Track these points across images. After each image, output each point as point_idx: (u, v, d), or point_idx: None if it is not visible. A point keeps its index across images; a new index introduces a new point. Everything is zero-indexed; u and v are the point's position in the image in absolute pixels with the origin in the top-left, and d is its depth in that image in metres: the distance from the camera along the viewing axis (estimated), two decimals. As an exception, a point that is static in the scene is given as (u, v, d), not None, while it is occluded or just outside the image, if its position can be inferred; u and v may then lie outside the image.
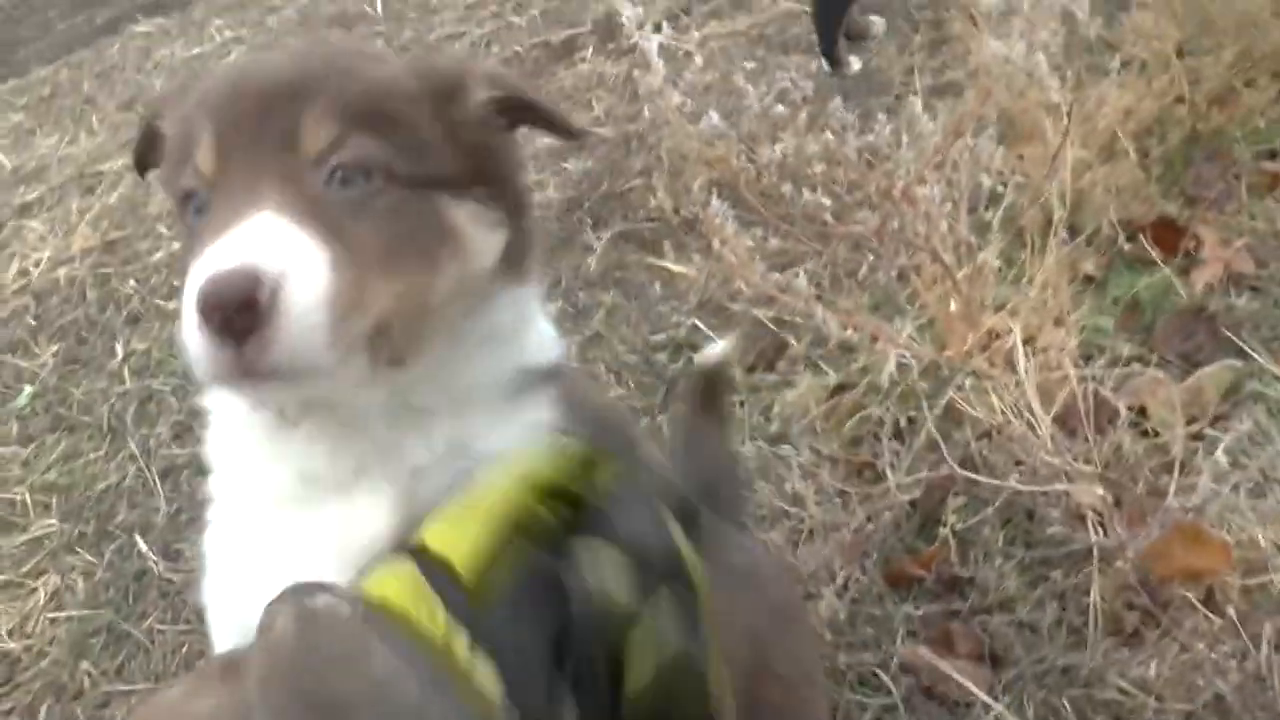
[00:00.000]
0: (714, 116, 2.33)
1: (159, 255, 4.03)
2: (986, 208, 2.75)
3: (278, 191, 0.95)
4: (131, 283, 3.90)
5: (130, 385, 3.43)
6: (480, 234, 1.08)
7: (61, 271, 4.03)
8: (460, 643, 0.83)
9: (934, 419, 2.42)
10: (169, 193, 1.12)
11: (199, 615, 2.63)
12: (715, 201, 2.27)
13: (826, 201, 2.31)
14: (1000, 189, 2.71)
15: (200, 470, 2.98)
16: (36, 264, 4.11)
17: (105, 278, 3.96)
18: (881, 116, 2.39)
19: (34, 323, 3.80)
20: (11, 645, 2.74)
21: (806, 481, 2.30)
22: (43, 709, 2.59)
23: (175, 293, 3.80)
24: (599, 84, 4.43)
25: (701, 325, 3.05)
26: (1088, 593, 2.16)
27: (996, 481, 2.28)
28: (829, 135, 2.36)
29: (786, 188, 2.33)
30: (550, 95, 4.32)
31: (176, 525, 2.92)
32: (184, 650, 2.61)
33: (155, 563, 2.82)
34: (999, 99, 2.64)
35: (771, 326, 2.95)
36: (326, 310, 0.89)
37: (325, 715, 0.76)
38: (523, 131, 1.21)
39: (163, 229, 4.18)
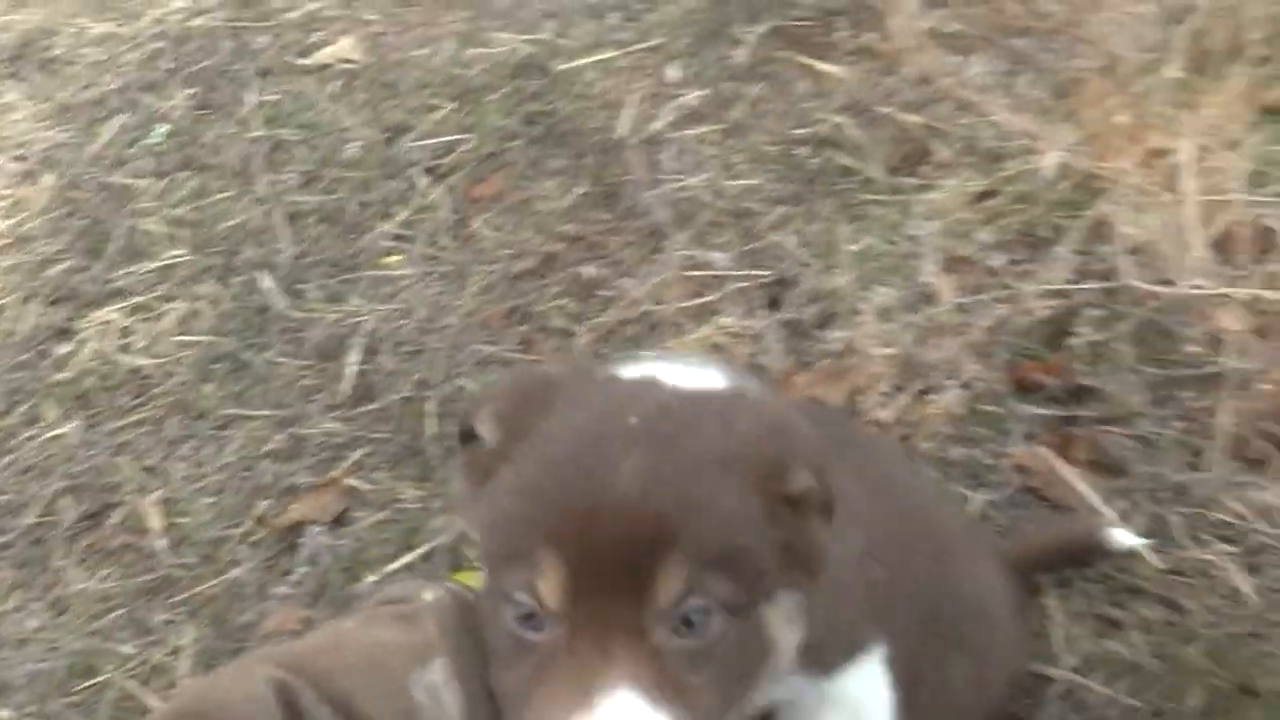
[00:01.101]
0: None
1: (294, 14, 4.19)
2: (1174, 24, 2.75)
3: (631, 657, 1.00)
4: (265, 38, 4.07)
5: (260, 133, 3.64)
6: (790, 632, 1.15)
7: (198, 21, 4.21)
8: None
9: (1083, 230, 2.48)
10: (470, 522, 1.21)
11: (317, 353, 2.88)
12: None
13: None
14: (1193, 2, 2.71)
15: (326, 218, 3.18)
16: (174, 12, 4.31)
17: (239, 30, 4.14)
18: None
19: (170, 66, 4.02)
20: (143, 361, 3.00)
21: (943, 277, 2.39)
22: (170, 424, 2.86)
23: (308, 50, 3.99)
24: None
25: (846, 124, 3.11)
26: (1214, 415, 2.24)
27: (1147, 286, 2.33)
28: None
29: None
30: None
31: (300, 267, 3.14)
32: (301, 384, 2.85)
33: (278, 300, 3.04)
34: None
35: (919, 133, 3.01)
36: None
37: (479, 660, 1.01)
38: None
39: (298, -13, 4.34)
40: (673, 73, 3.51)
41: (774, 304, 2.65)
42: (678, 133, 3.27)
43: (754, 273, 2.72)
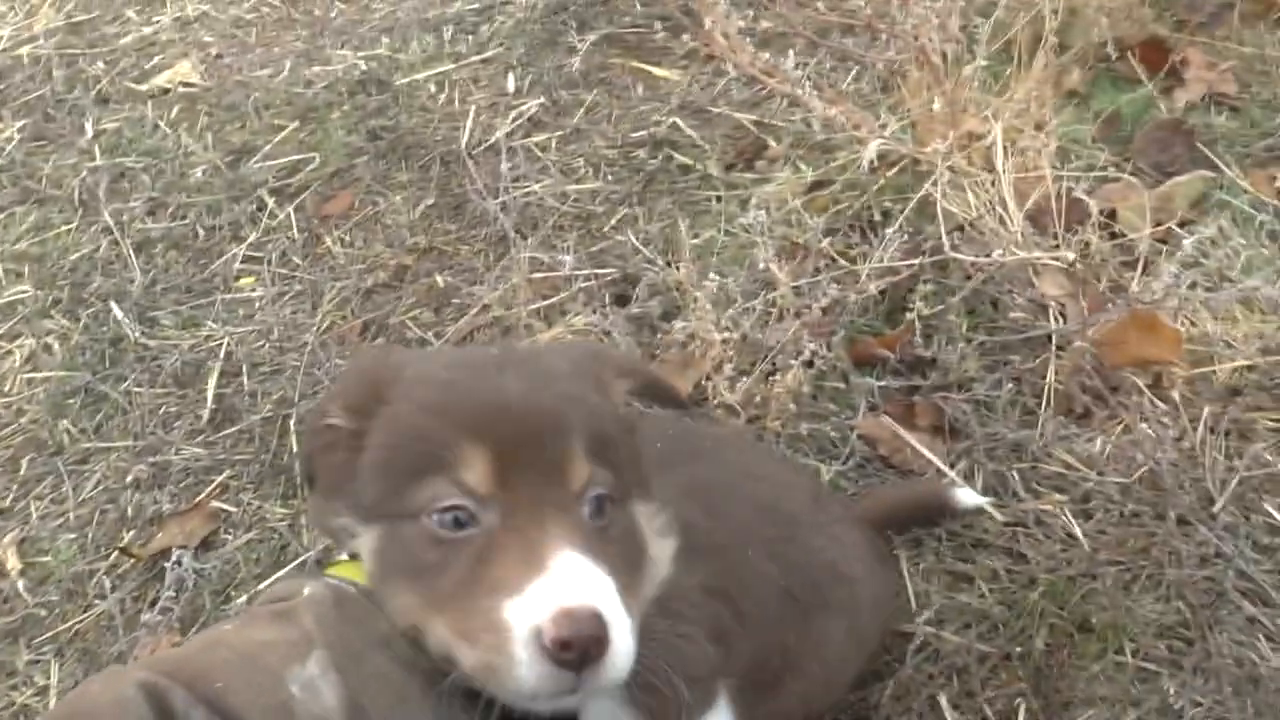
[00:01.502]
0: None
1: (128, 38, 4.07)
2: (979, 17, 2.88)
3: (566, 528, 1.09)
4: (100, 64, 3.95)
5: (101, 162, 3.53)
6: (658, 545, 1.26)
7: (25, 50, 4.07)
8: None
9: (910, 212, 2.58)
10: (370, 485, 1.17)
11: (175, 380, 2.81)
12: (707, -23, 2.37)
13: (820, -13, 2.42)
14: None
15: (175, 245, 3.10)
16: (-2, 42, 4.16)
17: (72, 58, 4.01)
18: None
19: (-2, 98, 3.88)
20: (-10, 402, 2.89)
21: (779, 263, 2.45)
22: (24, 462, 2.75)
23: (146, 76, 3.88)
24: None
25: (682, 124, 3.17)
26: (1044, 376, 2.36)
27: (971, 258, 2.42)
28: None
29: (781, -30, 2.43)
30: None
31: (152, 295, 3.06)
32: (160, 412, 2.78)
33: (131, 329, 2.95)
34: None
35: (752, 129, 3.09)
36: (631, 632, 1.07)
37: (358, 653, 1.00)
38: None
39: (130, 13, 4.21)
40: (511, 83, 3.53)
41: (621, 300, 2.68)
42: (519, 141, 3.28)
43: (600, 272, 2.75)
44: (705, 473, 1.69)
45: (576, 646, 1.01)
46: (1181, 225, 2.55)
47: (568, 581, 1.04)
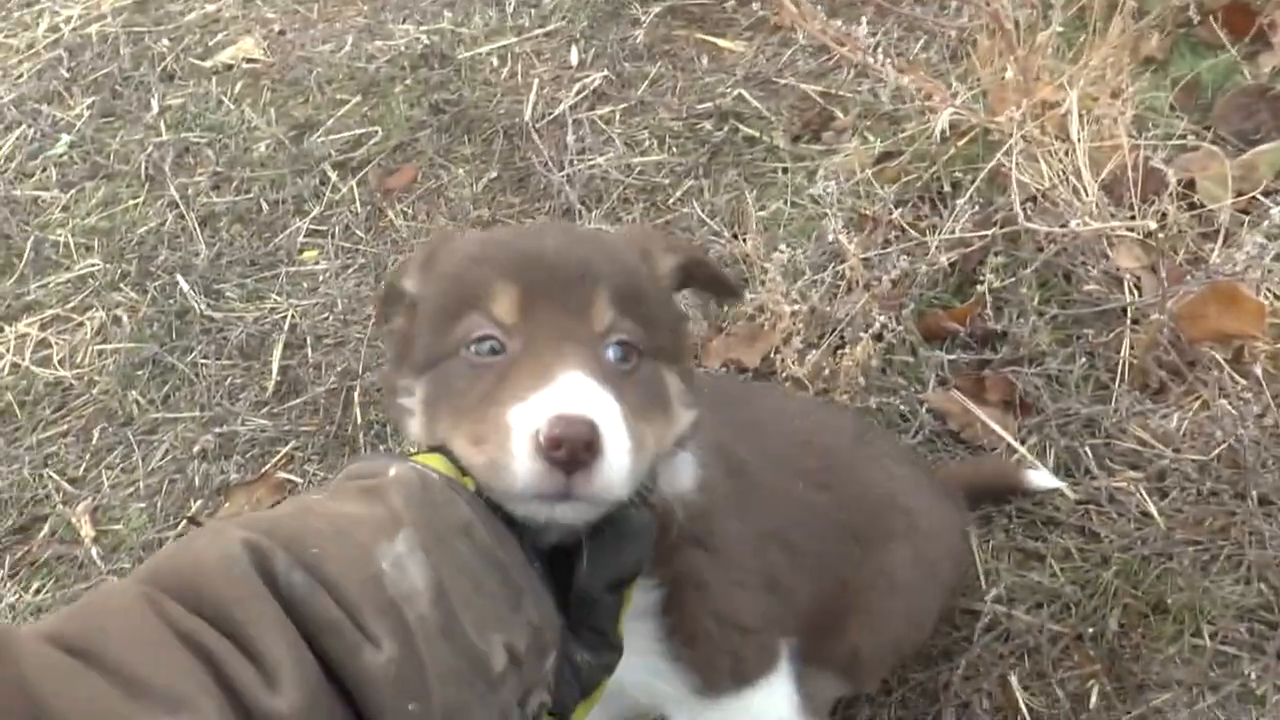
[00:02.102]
0: None
1: (192, 15, 4.10)
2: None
3: (580, 356, 1.15)
4: (165, 41, 3.98)
5: (167, 137, 3.56)
6: (681, 405, 1.31)
7: (94, 28, 4.11)
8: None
9: (981, 182, 2.52)
10: (422, 338, 1.27)
11: (240, 352, 2.83)
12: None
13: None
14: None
15: (239, 219, 3.12)
16: (67, 20, 4.19)
17: (138, 35, 4.04)
18: None
19: (68, 75, 3.91)
20: (64, 374, 2.94)
21: (849, 235, 2.41)
22: (95, 432, 2.79)
23: (210, 52, 3.91)
24: None
25: (748, 96, 3.13)
26: (1118, 350, 2.30)
27: (1045, 229, 2.37)
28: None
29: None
30: None
31: (218, 268, 3.09)
32: (227, 383, 2.80)
33: (197, 302, 2.98)
34: None
35: (818, 100, 3.04)
36: (629, 453, 1.11)
37: (441, 537, 1.01)
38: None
39: (197, -12, 4.25)
40: (574, 56, 3.50)
41: (690, 272, 2.65)
42: (583, 114, 3.26)
43: (669, 244, 2.72)
44: (743, 414, 1.74)
45: (567, 446, 1.06)
46: (1266, 195, 2.47)
47: (568, 392, 1.11)
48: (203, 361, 2.86)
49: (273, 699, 0.86)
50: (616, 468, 1.09)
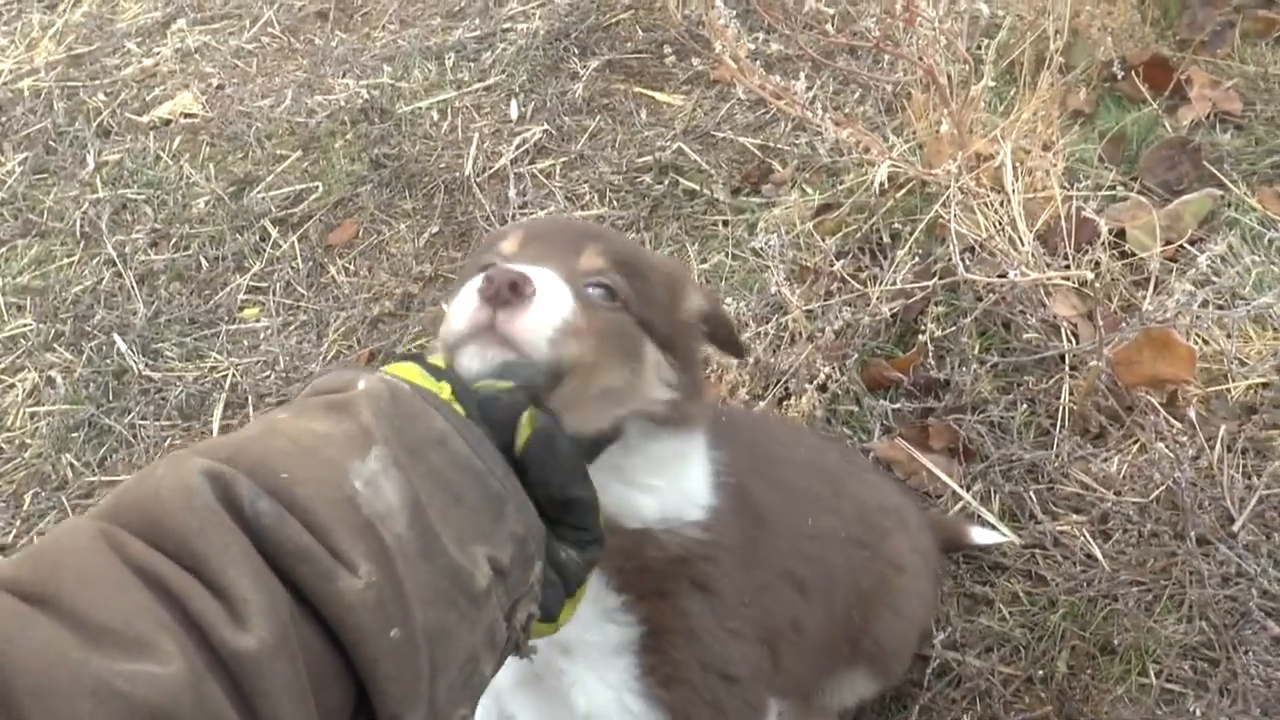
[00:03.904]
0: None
1: (129, 70, 4.08)
2: (985, 39, 2.90)
3: (556, 269, 1.24)
4: (101, 96, 3.96)
5: (104, 194, 3.53)
6: (656, 378, 1.37)
7: (26, 83, 4.08)
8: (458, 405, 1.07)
9: (920, 234, 2.58)
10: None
11: (180, 413, 2.79)
12: (720, 2, 2.38)
13: (829, 10, 2.42)
14: (998, 19, 2.87)
15: (178, 276, 3.09)
16: (0, 75, 4.16)
17: (73, 90, 4.01)
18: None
19: (-1, 131, 3.88)
20: (-7, 436, 2.88)
21: (791, 287, 2.45)
22: (27, 497, 2.74)
23: (148, 107, 3.89)
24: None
25: (687, 149, 3.17)
26: (1058, 396, 2.35)
27: (984, 279, 2.43)
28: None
29: (793, -7, 2.44)
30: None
31: (156, 327, 3.06)
32: (166, 444, 2.76)
33: (135, 362, 2.94)
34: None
35: (757, 153, 3.10)
36: (560, 323, 1.16)
37: (415, 450, 0.97)
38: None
39: (131, 45, 4.22)
40: (514, 110, 3.53)
41: (632, 327, 2.67)
42: (523, 168, 3.29)
43: (610, 298, 2.75)
44: (758, 446, 1.77)
45: (495, 282, 1.13)
46: (1191, 243, 2.56)
47: (517, 264, 1.22)
48: (141, 423, 2.82)
49: (241, 636, 0.82)
50: (542, 316, 1.14)
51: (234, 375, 2.87)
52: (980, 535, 2.19)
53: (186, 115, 3.84)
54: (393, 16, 4.26)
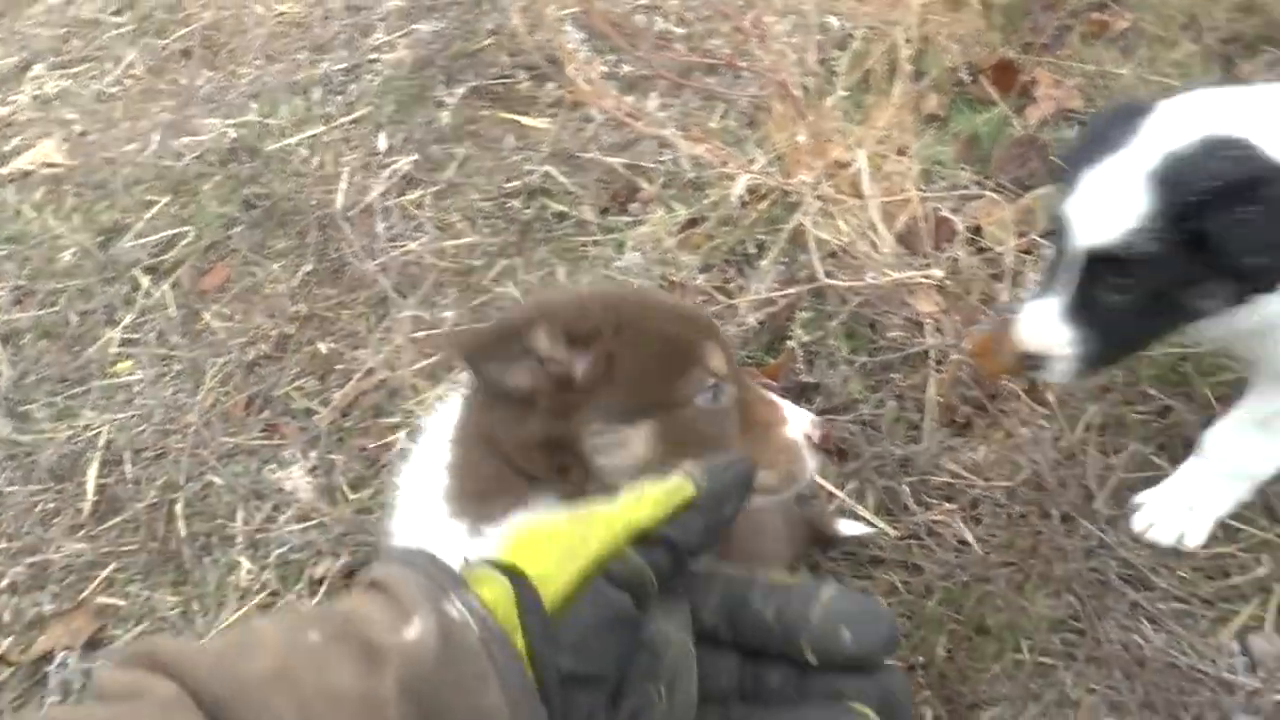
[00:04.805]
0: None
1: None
2: (836, 50, 3.01)
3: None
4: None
5: (-37, 252, 3.47)
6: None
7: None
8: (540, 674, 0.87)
9: (784, 243, 2.66)
10: (626, 391, 1.38)
11: (52, 475, 2.76)
12: (569, 27, 2.44)
13: (679, 30, 2.50)
14: (849, 32, 2.98)
15: (45, 334, 3.04)
16: None
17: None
18: (732, -51, 2.59)
19: None
20: None
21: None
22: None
23: (6, 159, 3.83)
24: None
25: (554, 172, 3.23)
26: (924, 391, 2.45)
27: (846, 283, 2.51)
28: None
29: (640, 17, 2.51)
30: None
31: (23, 388, 3.01)
32: (38, 509, 2.72)
33: (2, 425, 2.90)
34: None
35: (624, 172, 3.16)
36: None
37: None
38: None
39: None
40: (382, 141, 3.56)
41: (509, 352, 2.71)
42: (394, 200, 3.31)
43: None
44: None
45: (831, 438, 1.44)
46: (1043, 236, 2.68)
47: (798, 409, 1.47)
48: (9, 489, 2.77)
49: None
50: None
51: (108, 432, 2.84)
52: (847, 527, 2.27)
53: (48, 165, 3.79)
54: (258, 52, 4.26)
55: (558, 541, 0.91)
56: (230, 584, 2.42)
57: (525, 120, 3.49)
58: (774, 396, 1.49)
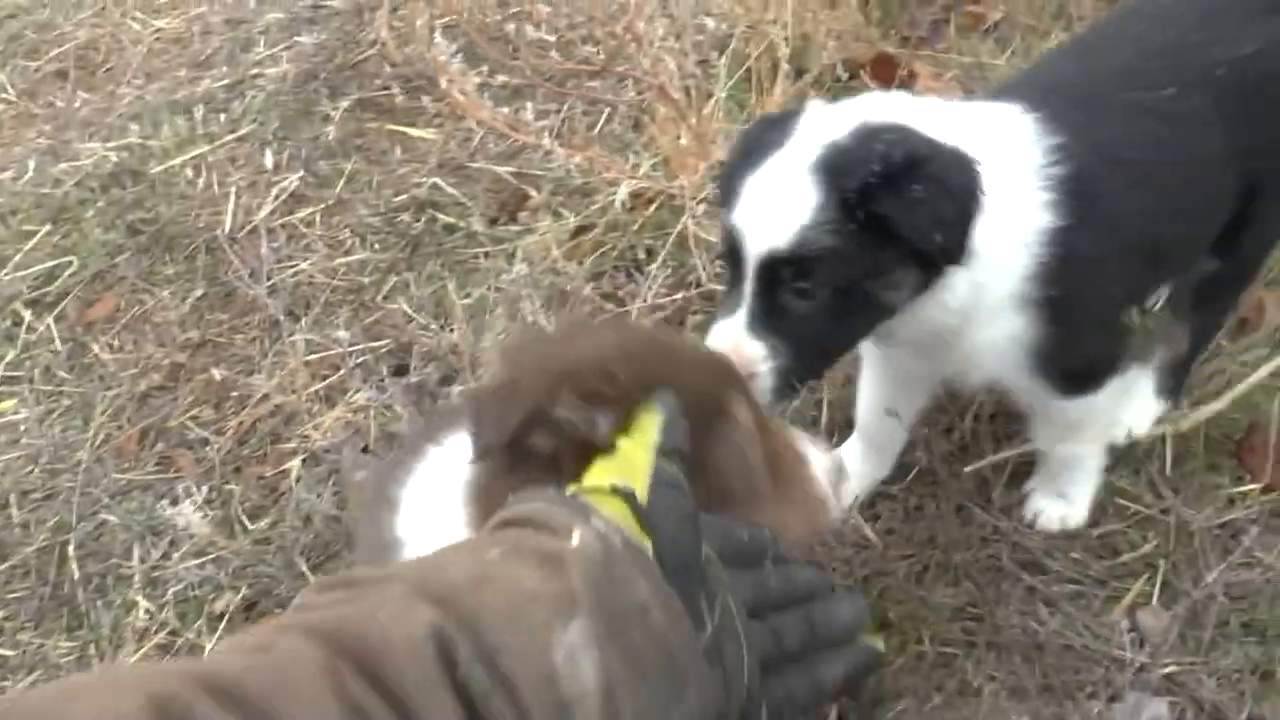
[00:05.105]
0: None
1: None
2: (715, 51, 3.02)
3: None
4: None
5: None
6: None
7: None
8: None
9: (672, 246, 2.67)
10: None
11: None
12: (440, 39, 2.41)
13: (550, 38, 2.49)
14: (728, 32, 2.99)
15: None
16: None
17: None
18: (603, -46, 2.59)
19: None
20: None
21: (548, 314, 2.50)
22: None
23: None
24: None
25: (443, 184, 3.20)
26: (820, 392, 2.47)
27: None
28: (548, -29, 2.54)
29: (511, 26, 2.49)
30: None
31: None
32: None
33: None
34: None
35: (512, 180, 3.14)
36: None
37: (615, 622, 0.96)
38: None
39: None
40: (269, 159, 3.49)
41: (400, 370, 2.69)
42: (283, 219, 3.26)
43: (375, 345, 2.76)
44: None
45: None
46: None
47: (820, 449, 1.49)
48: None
49: None
50: None
51: (-6, 476, 2.76)
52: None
53: (-83, 200, 3.67)
54: (137, 71, 4.15)
55: (616, 470, 1.13)
56: (127, 625, 2.37)
57: (411, 131, 3.44)
58: (799, 437, 1.45)
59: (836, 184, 1.60)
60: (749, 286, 1.68)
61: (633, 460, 1.14)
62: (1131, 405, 2.30)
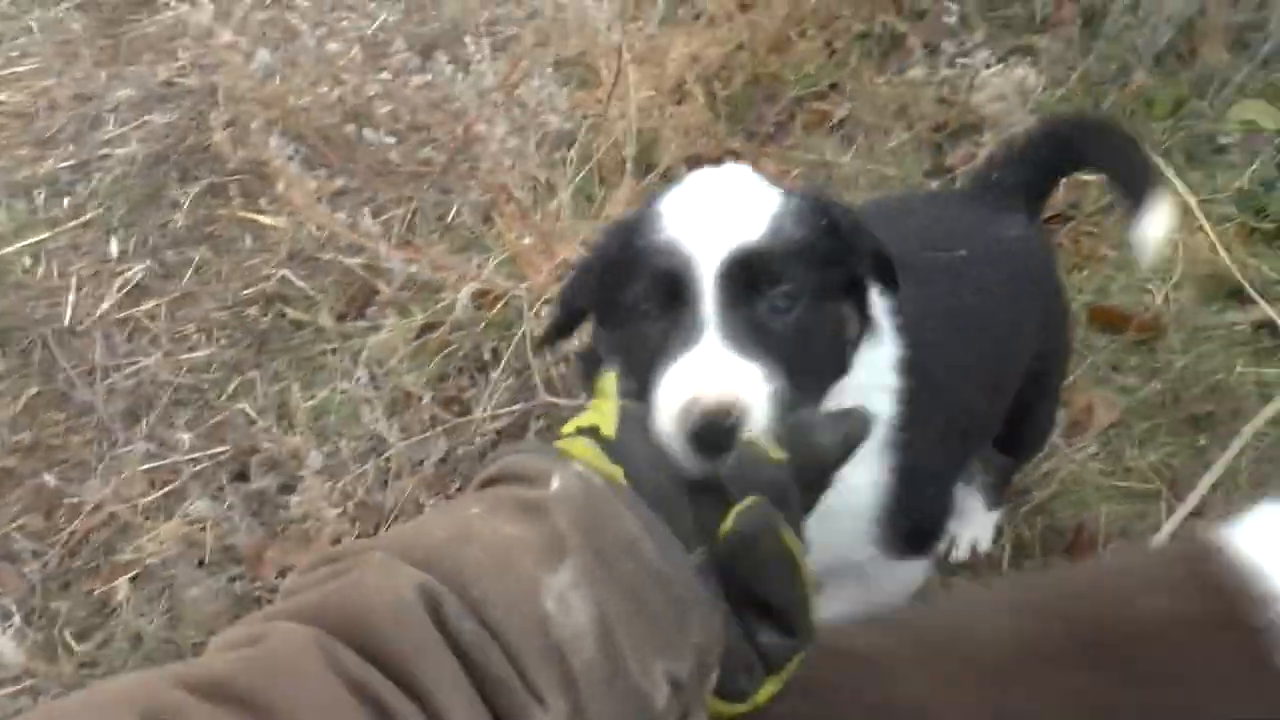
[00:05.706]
0: (265, 55, 2.44)
1: None
2: (562, 148, 3.04)
3: None
4: None
5: None
6: None
7: None
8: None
9: (515, 349, 2.67)
10: None
11: None
12: (275, 141, 2.38)
13: (390, 140, 2.48)
14: (572, 128, 3.01)
15: None
16: None
17: None
18: (442, 57, 2.59)
19: None
20: None
21: (391, 420, 2.48)
22: None
23: None
24: (183, 32, 4.34)
25: (292, 276, 3.15)
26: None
27: (576, 402, 2.53)
28: (388, 75, 2.54)
29: (349, 128, 2.48)
30: (133, 43, 4.25)
31: None
32: None
33: None
34: (559, 43, 2.90)
35: (361, 273, 3.10)
36: None
37: (605, 557, 0.93)
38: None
39: None
40: (114, 247, 3.40)
41: (241, 477, 2.63)
42: (126, 311, 3.17)
43: (216, 450, 2.70)
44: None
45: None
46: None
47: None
48: None
49: None
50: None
51: None
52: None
53: None
54: (-25, 148, 4.02)
55: (584, 420, 1.09)
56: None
57: (263, 219, 3.37)
58: None
59: (789, 194, 1.48)
60: (708, 306, 1.34)
61: (599, 409, 1.11)
62: (972, 523, 2.36)
